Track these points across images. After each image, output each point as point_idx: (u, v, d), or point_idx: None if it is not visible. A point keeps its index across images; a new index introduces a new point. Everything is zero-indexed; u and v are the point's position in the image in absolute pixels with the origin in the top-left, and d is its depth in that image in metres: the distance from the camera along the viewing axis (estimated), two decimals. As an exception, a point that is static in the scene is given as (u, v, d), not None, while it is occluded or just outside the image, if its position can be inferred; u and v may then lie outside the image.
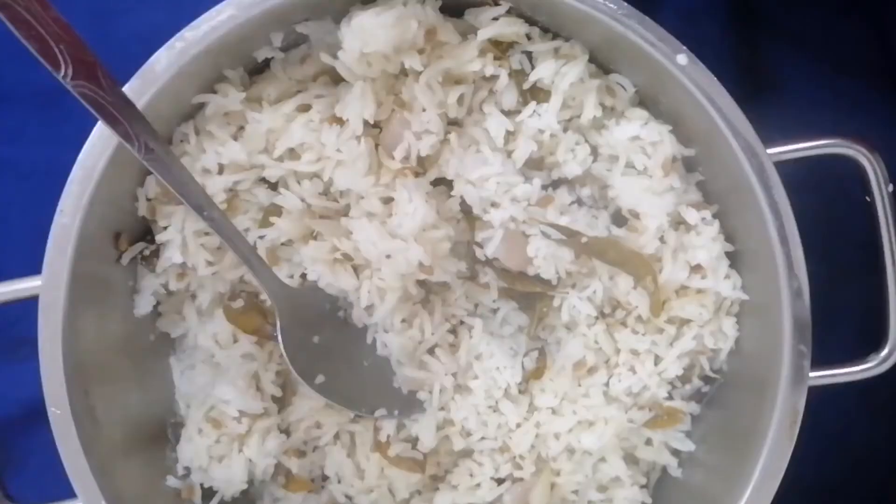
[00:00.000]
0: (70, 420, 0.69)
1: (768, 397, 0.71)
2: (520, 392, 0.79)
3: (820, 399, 0.71)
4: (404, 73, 0.75)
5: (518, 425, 0.78)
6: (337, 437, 0.81)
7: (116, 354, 0.78)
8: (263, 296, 0.78)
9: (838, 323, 0.77)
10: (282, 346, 0.75)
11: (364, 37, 0.70)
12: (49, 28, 0.56)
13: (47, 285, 0.68)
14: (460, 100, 0.74)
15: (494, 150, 0.76)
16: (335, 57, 0.73)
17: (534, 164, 0.78)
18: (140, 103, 0.67)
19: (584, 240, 0.75)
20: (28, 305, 0.76)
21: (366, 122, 0.74)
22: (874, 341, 0.74)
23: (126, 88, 0.67)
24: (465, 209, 0.78)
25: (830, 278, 0.74)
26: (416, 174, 0.76)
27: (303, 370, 0.76)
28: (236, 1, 0.67)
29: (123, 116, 0.63)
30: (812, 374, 0.71)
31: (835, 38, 0.91)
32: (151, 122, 0.70)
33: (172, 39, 0.67)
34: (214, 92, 0.75)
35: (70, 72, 0.58)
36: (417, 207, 0.73)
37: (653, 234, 0.76)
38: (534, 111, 0.75)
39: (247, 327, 0.80)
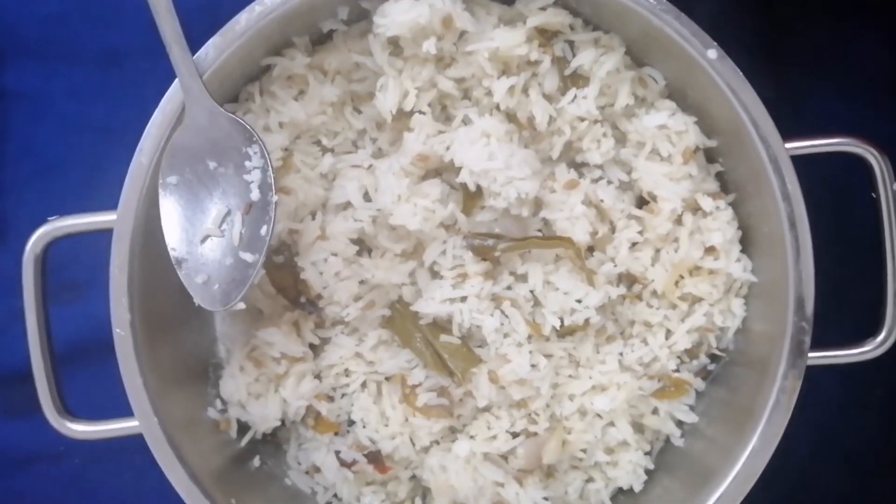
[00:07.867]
0: (131, 341, 0.75)
1: (769, 376, 0.76)
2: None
3: (816, 388, 0.76)
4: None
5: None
6: (364, 385, 0.87)
7: (170, 292, 0.83)
8: (301, 261, 0.82)
9: (841, 311, 0.82)
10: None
11: (386, 22, 0.76)
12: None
13: (122, 217, 0.74)
14: (511, 90, 0.80)
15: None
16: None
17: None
18: (219, 60, 0.74)
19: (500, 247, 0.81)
20: (70, 253, 0.81)
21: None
22: (872, 329, 0.78)
23: (209, 44, 0.74)
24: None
25: (836, 269, 0.78)
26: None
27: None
28: (313, -29, 0.74)
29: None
30: (811, 355, 0.75)
31: (852, 48, 0.96)
32: (222, 80, 0.76)
33: (253, 3, 0.73)
34: (281, 56, 0.81)
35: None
36: None
37: (666, 217, 0.82)
38: (575, 96, 0.81)
39: (276, 282, 0.84)
